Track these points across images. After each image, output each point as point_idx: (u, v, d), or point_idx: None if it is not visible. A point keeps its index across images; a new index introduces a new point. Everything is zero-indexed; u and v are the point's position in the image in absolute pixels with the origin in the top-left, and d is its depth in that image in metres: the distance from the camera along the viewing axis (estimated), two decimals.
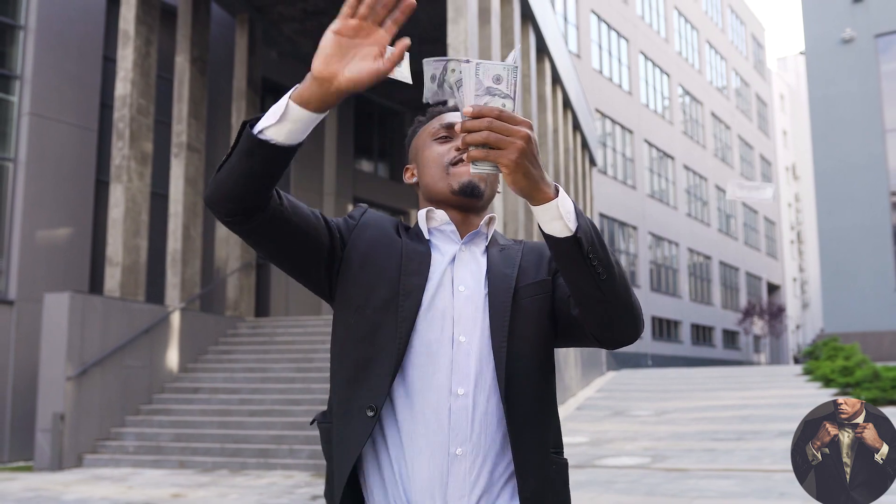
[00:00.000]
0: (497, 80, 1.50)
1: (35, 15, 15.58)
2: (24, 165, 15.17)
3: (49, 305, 12.86)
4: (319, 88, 1.54)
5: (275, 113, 1.58)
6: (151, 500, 9.51)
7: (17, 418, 14.46)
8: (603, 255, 1.63)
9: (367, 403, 1.76)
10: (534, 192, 1.54)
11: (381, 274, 1.84)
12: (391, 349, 1.77)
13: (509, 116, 1.48)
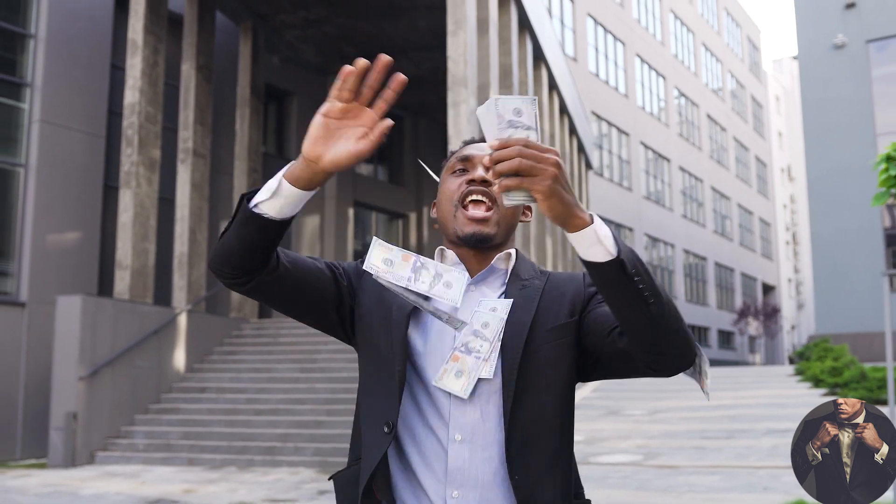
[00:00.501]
0: (518, 112, 1.52)
1: (45, 24, 16.00)
2: (35, 171, 15.59)
3: (62, 308, 13.30)
4: (307, 169, 1.61)
5: (269, 189, 1.65)
6: (164, 495, 9.94)
7: (29, 417, 14.88)
8: (648, 279, 1.59)
9: (383, 420, 1.79)
10: (569, 218, 1.53)
11: (390, 315, 1.87)
12: (398, 381, 1.80)
13: (536, 145, 1.50)
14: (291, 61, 21.17)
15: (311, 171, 1.61)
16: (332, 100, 1.57)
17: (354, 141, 1.59)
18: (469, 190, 1.90)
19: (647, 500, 8.55)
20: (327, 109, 1.58)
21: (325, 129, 1.59)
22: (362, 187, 24.05)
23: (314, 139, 1.59)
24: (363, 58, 1.58)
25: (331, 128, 1.59)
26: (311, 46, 20.39)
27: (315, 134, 1.59)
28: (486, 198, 1.91)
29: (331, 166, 1.60)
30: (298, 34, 19.64)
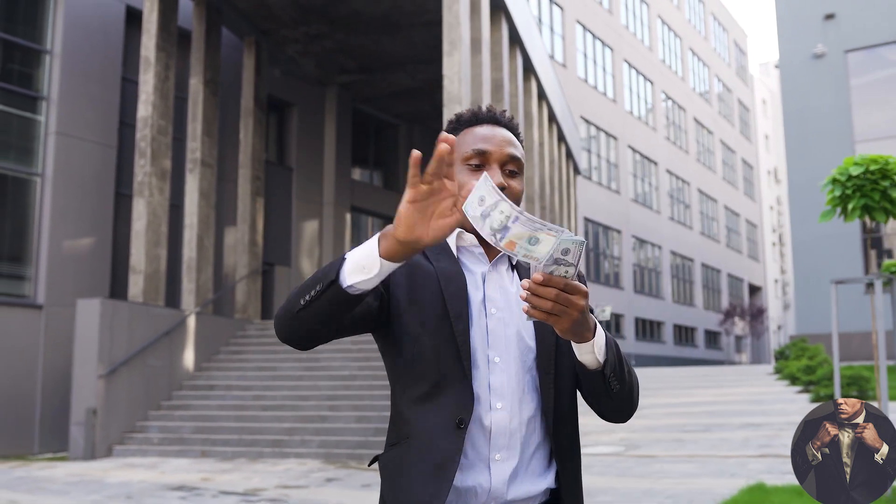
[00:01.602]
0: (566, 252, 1.57)
1: (60, 40, 16.87)
2: (51, 180, 16.46)
3: (81, 310, 14.19)
4: (407, 249, 1.66)
5: (367, 269, 1.69)
6: (184, 483, 10.84)
7: (46, 413, 15.76)
8: (620, 373, 1.84)
9: (454, 418, 1.88)
10: (576, 339, 1.74)
11: (427, 303, 1.95)
12: (458, 367, 1.90)
13: (573, 287, 1.61)
14: (292, 74, 22.07)
15: (412, 251, 1.66)
16: (414, 185, 1.61)
17: (450, 213, 1.65)
18: None
19: (627, 484, 9.48)
20: (413, 196, 1.62)
21: (418, 213, 1.63)
22: (359, 193, 24.95)
23: (411, 226, 1.63)
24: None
25: (420, 210, 1.63)
26: (310, 60, 21.30)
27: (410, 221, 1.63)
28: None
29: (435, 241, 1.66)
30: (299, 48, 20.55)
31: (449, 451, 1.87)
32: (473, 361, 1.91)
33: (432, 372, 1.92)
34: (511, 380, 1.92)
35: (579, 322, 1.67)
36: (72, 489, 10.53)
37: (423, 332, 1.94)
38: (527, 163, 21.41)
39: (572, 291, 1.61)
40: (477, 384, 1.90)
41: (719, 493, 8.44)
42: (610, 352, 1.81)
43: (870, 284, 9.03)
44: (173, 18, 16.73)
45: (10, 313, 15.66)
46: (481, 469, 1.89)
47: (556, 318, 1.63)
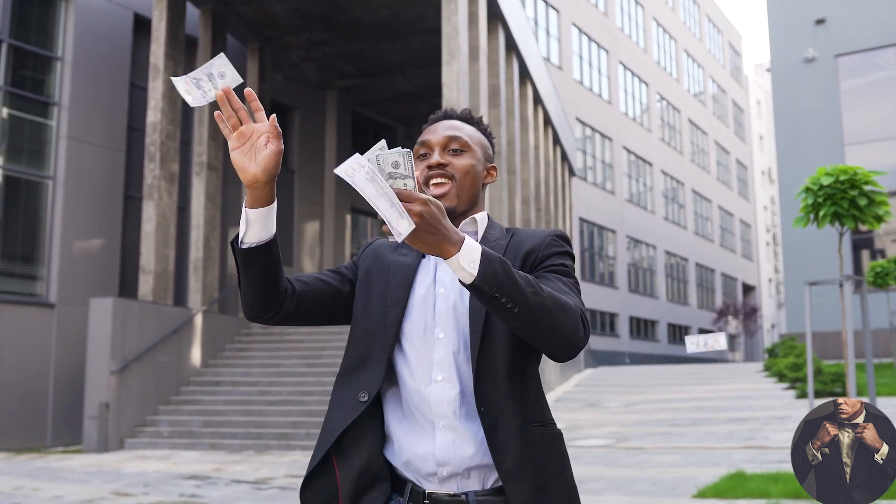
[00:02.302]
0: (396, 165, 1.74)
1: (71, 48, 17.43)
2: (63, 183, 17.02)
3: (94, 309, 14.76)
4: (253, 191, 1.90)
5: (243, 223, 1.94)
6: (197, 473, 11.42)
7: (58, 408, 16.34)
8: (513, 292, 1.79)
9: (357, 392, 2.05)
10: (437, 253, 1.76)
11: (374, 291, 2.14)
12: (381, 350, 2.06)
13: (406, 195, 1.70)
14: (294, 78, 22.65)
15: (256, 190, 1.89)
16: (228, 135, 1.88)
17: (265, 147, 1.88)
18: (429, 175, 2.15)
19: (615, 473, 10.07)
20: (232, 145, 1.88)
21: (242, 156, 1.87)
22: (359, 195, 25.43)
23: (240, 168, 1.88)
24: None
25: (245, 152, 1.87)
26: (312, 65, 21.88)
27: (238, 165, 1.88)
28: (443, 177, 2.14)
29: (263, 175, 1.87)
30: (302, 54, 21.13)
31: (338, 421, 2.03)
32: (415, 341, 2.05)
33: (358, 351, 2.10)
34: (451, 353, 2.03)
35: (425, 230, 1.71)
36: (91, 478, 11.11)
37: (361, 316, 2.14)
38: (522, 165, 22.02)
39: (406, 199, 1.70)
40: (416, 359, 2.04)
41: (702, 480, 9.04)
42: (489, 266, 1.78)
43: (862, 284, 9.59)
44: (181, 27, 17.30)
45: (23, 312, 16.23)
46: (428, 437, 2.00)
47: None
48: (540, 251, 2.12)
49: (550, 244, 2.13)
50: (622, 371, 29.90)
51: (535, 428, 2.03)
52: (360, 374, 2.08)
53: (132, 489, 10.07)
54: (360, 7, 18.60)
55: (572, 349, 1.92)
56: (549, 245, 2.13)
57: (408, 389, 2.04)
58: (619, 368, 32.49)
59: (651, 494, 8.54)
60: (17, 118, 16.89)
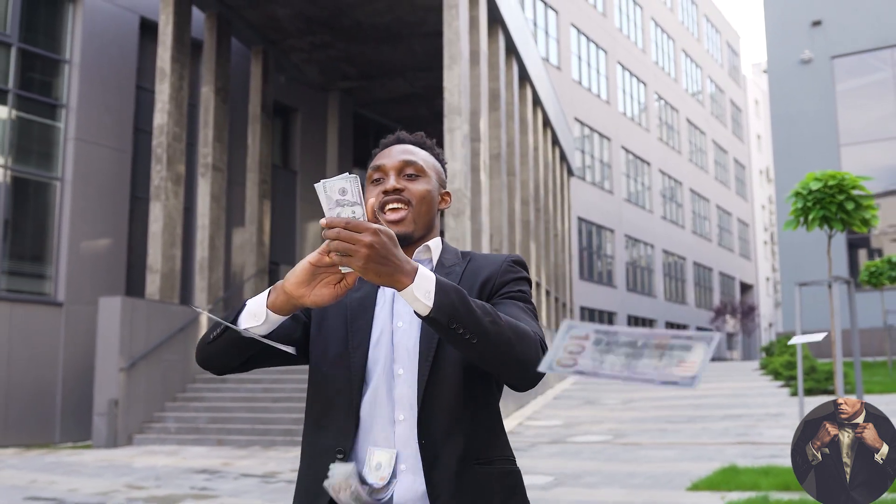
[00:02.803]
0: (343, 192, 1.67)
1: (79, 51, 17.74)
2: (70, 184, 17.34)
3: (103, 308, 15.08)
4: (289, 302, 1.83)
5: (256, 317, 1.87)
6: (207, 467, 11.75)
7: (67, 405, 16.66)
8: (470, 322, 1.74)
9: (335, 447, 1.95)
10: (390, 285, 1.70)
11: (332, 335, 2.06)
12: (348, 399, 1.98)
13: (355, 225, 1.64)
14: (296, 80, 22.96)
15: (292, 304, 1.84)
16: (322, 254, 1.76)
17: (333, 287, 1.80)
18: (384, 200, 2.07)
19: (612, 467, 10.40)
20: (315, 260, 1.78)
21: (310, 276, 1.79)
22: None
23: (300, 283, 1.80)
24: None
25: (314, 274, 1.79)
26: (314, 67, 22.20)
27: (301, 278, 1.80)
28: (399, 203, 2.07)
29: (313, 304, 1.81)
30: (304, 56, 21.45)
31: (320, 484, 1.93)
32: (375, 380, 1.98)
33: (324, 398, 2.03)
34: (410, 389, 1.96)
35: (375, 261, 1.65)
36: (103, 472, 11.43)
37: (322, 361, 2.05)
38: (522, 166, 22.35)
39: (354, 229, 1.64)
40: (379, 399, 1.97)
41: (696, 474, 9.37)
42: (444, 297, 1.73)
43: (850, 285, 9.91)
44: (187, 30, 17.60)
45: (32, 310, 16.54)
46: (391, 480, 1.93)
47: (349, 258, 1.65)
48: (497, 278, 2.07)
49: (507, 270, 2.09)
50: None
51: (476, 466, 1.95)
52: (329, 425, 2.01)
53: (144, 483, 10.39)
54: (362, 11, 18.91)
55: (532, 378, 1.86)
56: (506, 271, 2.09)
57: (370, 433, 1.97)
58: None
59: (646, 487, 8.87)
60: (25, 120, 17.20)
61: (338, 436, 1.97)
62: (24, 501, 9.20)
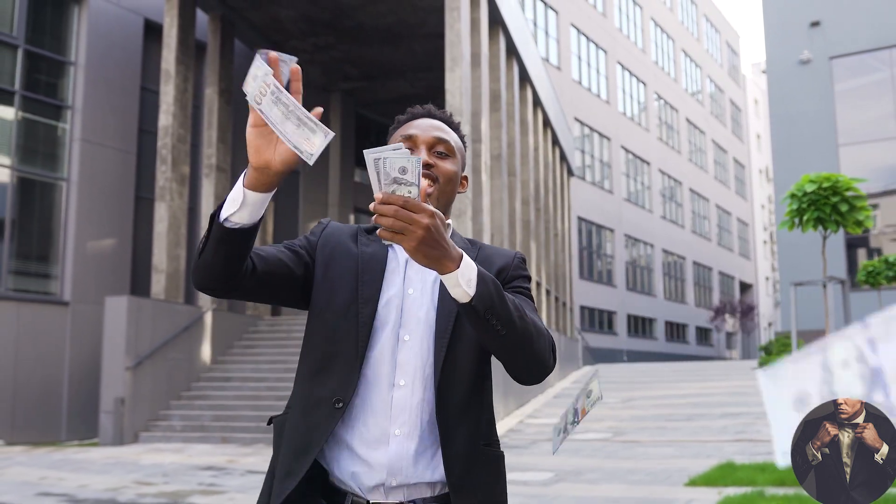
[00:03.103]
0: (403, 171, 1.63)
1: (84, 52, 17.94)
2: (76, 185, 17.54)
3: (110, 307, 15.26)
4: (261, 175, 1.72)
5: (235, 201, 1.76)
6: (212, 464, 11.93)
7: (73, 403, 16.86)
8: (503, 314, 1.77)
9: (333, 396, 1.93)
10: (435, 268, 1.69)
11: (340, 282, 2.02)
12: (353, 350, 1.95)
13: (413, 205, 1.61)
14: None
15: (265, 177, 1.73)
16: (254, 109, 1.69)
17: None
18: None
19: (612, 464, 10.59)
20: (254, 120, 1.71)
21: (262, 137, 1.70)
22: (361, 194, 26.04)
23: (257, 148, 1.70)
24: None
25: (265, 134, 1.70)
26: (317, 68, 22.38)
27: (255, 144, 1.70)
28: (427, 179, 2.06)
29: (282, 167, 1.71)
30: (307, 58, 21.62)
31: (317, 433, 1.92)
32: (380, 341, 1.98)
33: (325, 348, 1.99)
34: (416, 357, 1.97)
35: (428, 244, 1.65)
36: (111, 469, 11.62)
37: (327, 309, 2.02)
38: (522, 167, 22.53)
39: (413, 209, 1.62)
40: (381, 361, 1.96)
41: (694, 470, 9.55)
42: (485, 287, 1.76)
43: (844, 284, 10.10)
44: (191, 33, 17.77)
45: (38, 310, 16.74)
46: (381, 446, 1.93)
47: (401, 236, 1.63)
48: (509, 271, 2.11)
49: (518, 266, 2.13)
50: (620, 368, 30.49)
51: (483, 447, 2.02)
52: (328, 375, 1.98)
53: (152, 479, 10.58)
54: (365, 13, 19.09)
55: (542, 374, 1.94)
56: (517, 266, 2.13)
57: (367, 392, 1.96)
58: (618, 366, 33.08)
59: (645, 483, 9.06)
60: (31, 121, 17.39)
61: (338, 386, 1.94)
62: (36, 497, 9.39)
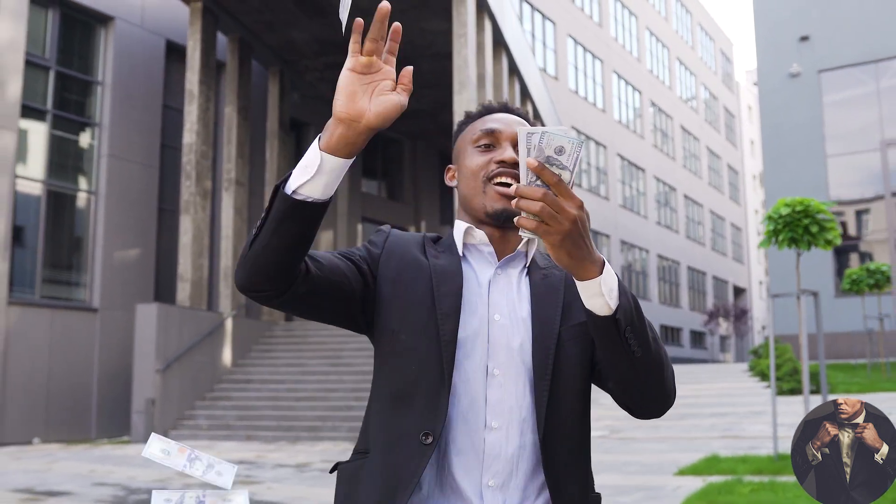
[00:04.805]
0: (560, 151, 1.44)
1: (111, 72, 19.04)
2: (104, 198, 18.64)
3: (140, 314, 16.37)
4: (348, 130, 1.49)
5: (307, 168, 1.51)
6: (243, 459, 13.02)
7: (103, 404, 17.95)
8: (641, 333, 1.60)
9: (422, 429, 1.67)
10: (576, 270, 1.51)
11: (413, 298, 1.77)
12: (437, 372, 1.69)
13: (564, 190, 1.43)
14: (309, 96, 24.27)
15: (353, 132, 1.50)
16: (355, 53, 1.49)
17: (391, 92, 1.52)
18: (499, 171, 1.82)
19: (611, 458, 11.69)
20: (353, 65, 1.50)
21: (359, 84, 1.51)
22: (368, 204, 27.16)
23: (350, 95, 1.49)
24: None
25: (362, 82, 1.51)
26: (327, 84, 23.51)
27: (350, 90, 1.50)
28: (514, 180, 1.79)
29: (377, 120, 1.50)
30: (318, 75, 22.76)
31: (406, 472, 1.67)
32: (466, 371, 1.72)
33: (405, 372, 1.73)
34: (510, 396, 1.72)
35: (574, 240, 1.48)
36: (150, 463, 12.69)
37: (402, 328, 1.76)
38: None
39: (563, 194, 1.44)
40: (468, 398, 1.71)
41: (683, 463, 10.66)
42: (626, 300, 1.58)
43: (818, 295, 11.19)
44: (212, 55, 18.88)
45: (69, 316, 17.82)
46: (472, 497, 1.68)
47: (545, 227, 1.45)
48: None
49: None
50: None
51: (593, 497, 1.83)
52: (413, 405, 1.71)
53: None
54: None
55: (664, 408, 1.75)
56: None
57: (455, 434, 1.70)
58: None
59: (639, 473, 10.17)
60: (62, 138, 18.48)
61: (424, 417, 1.68)
62: (93, 486, 10.47)
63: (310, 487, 10.20)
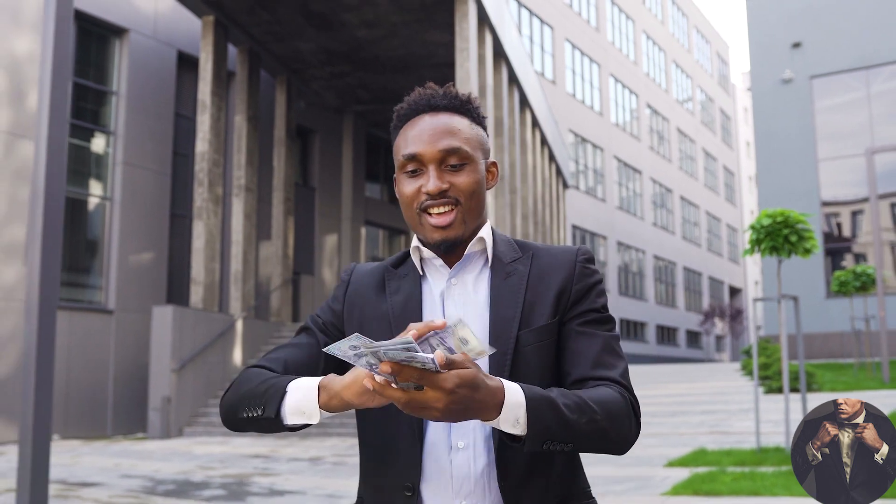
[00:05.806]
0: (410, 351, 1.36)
1: (125, 83, 19.78)
2: (119, 204, 19.37)
3: (156, 315, 17.11)
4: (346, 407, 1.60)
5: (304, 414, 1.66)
6: (257, 453, 13.76)
7: (118, 402, 18.70)
8: (565, 436, 1.53)
9: (402, 483, 1.72)
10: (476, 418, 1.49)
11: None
12: (409, 426, 1.73)
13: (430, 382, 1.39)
14: (315, 104, 25.02)
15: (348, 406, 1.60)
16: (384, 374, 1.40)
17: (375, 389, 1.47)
18: (428, 204, 1.77)
19: None
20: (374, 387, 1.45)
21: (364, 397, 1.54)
22: (371, 208, 27.91)
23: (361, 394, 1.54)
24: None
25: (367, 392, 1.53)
26: (332, 93, 24.25)
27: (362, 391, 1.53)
28: (446, 205, 1.76)
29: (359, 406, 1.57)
30: (323, 84, 23.50)
31: None
32: None
33: (381, 430, 1.78)
34: None
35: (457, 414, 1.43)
36: (171, 458, 13.45)
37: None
38: (522, 184, 24.41)
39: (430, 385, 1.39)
40: (437, 426, 1.72)
41: (671, 456, 11.42)
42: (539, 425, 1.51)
43: (797, 299, 11.94)
44: (224, 66, 19.61)
45: (85, 317, 18.56)
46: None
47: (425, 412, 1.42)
48: (572, 287, 1.79)
49: (583, 274, 1.82)
50: None
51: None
52: (391, 458, 1.76)
53: (212, 465, 12.41)
54: (379, 47, 20.94)
55: (622, 451, 1.68)
56: (582, 275, 1.81)
57: (433, 461, 1.73)
58: None
59: (631, 465, 10.93)
60: (78, 146, 19.20)
61: (404, 470, 1.73)
62: (121, 478, 11.21)
63: (325, 478, 10.94)
